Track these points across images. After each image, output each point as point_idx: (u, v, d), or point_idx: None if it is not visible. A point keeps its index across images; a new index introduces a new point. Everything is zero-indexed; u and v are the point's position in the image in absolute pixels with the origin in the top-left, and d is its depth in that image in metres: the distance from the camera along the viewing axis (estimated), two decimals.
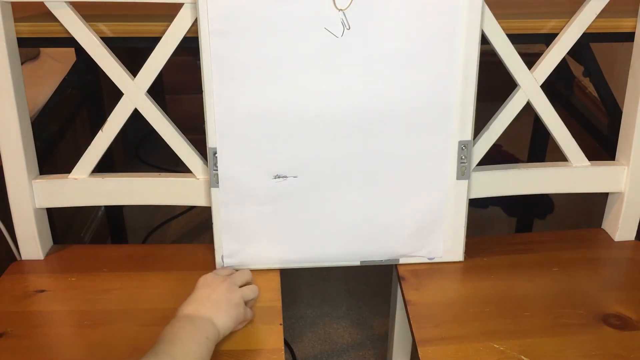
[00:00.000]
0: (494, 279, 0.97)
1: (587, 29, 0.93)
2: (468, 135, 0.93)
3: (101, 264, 0.99)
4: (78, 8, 0.89)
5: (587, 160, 1.01)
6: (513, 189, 1.01)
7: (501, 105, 0.97)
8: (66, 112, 1.45)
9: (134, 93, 0.92)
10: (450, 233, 0.98)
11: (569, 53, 0.96)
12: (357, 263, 0.99)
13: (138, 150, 2.21)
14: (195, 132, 1.06)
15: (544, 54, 0.95)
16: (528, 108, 0.98)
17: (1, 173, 0.95)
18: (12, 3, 0.88)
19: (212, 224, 0.96)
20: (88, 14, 0.90)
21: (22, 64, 0.92)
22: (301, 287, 1.69)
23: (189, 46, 0.90)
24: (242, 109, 0.89)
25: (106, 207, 0.96)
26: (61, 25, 0.89)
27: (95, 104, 1.54)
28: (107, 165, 1.25)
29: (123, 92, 0.92)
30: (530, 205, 1.67)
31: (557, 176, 1.02)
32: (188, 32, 0.88)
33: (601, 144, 1.50)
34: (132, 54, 1.19)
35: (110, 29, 0.91)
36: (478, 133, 0.96)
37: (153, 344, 0.74)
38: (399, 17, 0.86)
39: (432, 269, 0.99)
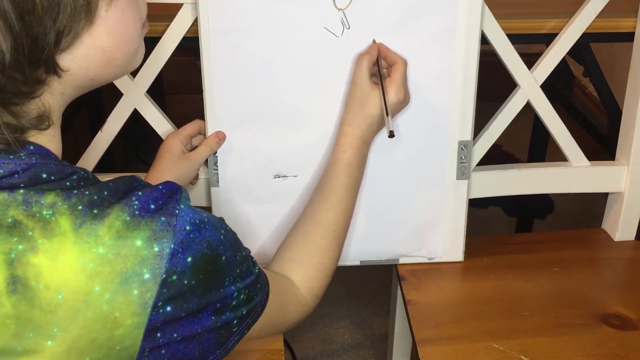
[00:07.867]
0: (494, 279, 0.97)
1: (587, 29, 0.93)
2: (468, 135, 0.92)
3: None
4: None
5: (587, 160, 1.01)
6: (513, 189, 1.01)
7: (501, 105, 0.97)
8: (66, 112, 1.44)
9: (134, 93, 0.92)
10: (450, 233, 0.98)
11: (569, 53, 0.96)
12: (357, 263, 0.99)
13: (138, 150, 2.21)
14: None
15: (544, 54, 0.95)
16: (528, 108, 0.97)
17: None
18: None
19: None
20: None
21: None
22: None
23: (189, 46, 0.90)
24: (242, 108, 0.89)
25: None
26: None
27: (95, 104, 1.54)
28: (107, 165, 1.25)
29: (123, 92, 0.92)
30: (530, 205, 1.67)
31: (557, 176, 1.02)
32: (188, 32, 0.88)
33: (601, 144, 1.51)
34: None
35: None
36: (478, 133, 0.96)
37: None
38: (399, 17, 0.86)
39: (432, 269, 0.99)
